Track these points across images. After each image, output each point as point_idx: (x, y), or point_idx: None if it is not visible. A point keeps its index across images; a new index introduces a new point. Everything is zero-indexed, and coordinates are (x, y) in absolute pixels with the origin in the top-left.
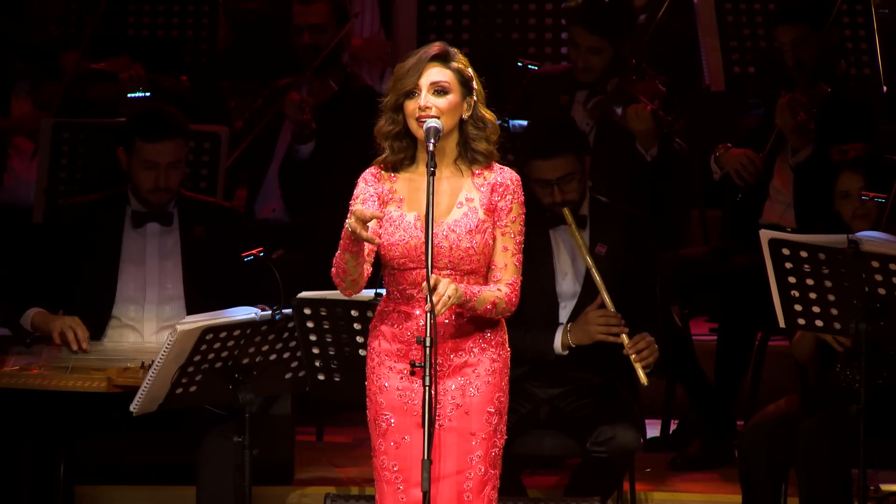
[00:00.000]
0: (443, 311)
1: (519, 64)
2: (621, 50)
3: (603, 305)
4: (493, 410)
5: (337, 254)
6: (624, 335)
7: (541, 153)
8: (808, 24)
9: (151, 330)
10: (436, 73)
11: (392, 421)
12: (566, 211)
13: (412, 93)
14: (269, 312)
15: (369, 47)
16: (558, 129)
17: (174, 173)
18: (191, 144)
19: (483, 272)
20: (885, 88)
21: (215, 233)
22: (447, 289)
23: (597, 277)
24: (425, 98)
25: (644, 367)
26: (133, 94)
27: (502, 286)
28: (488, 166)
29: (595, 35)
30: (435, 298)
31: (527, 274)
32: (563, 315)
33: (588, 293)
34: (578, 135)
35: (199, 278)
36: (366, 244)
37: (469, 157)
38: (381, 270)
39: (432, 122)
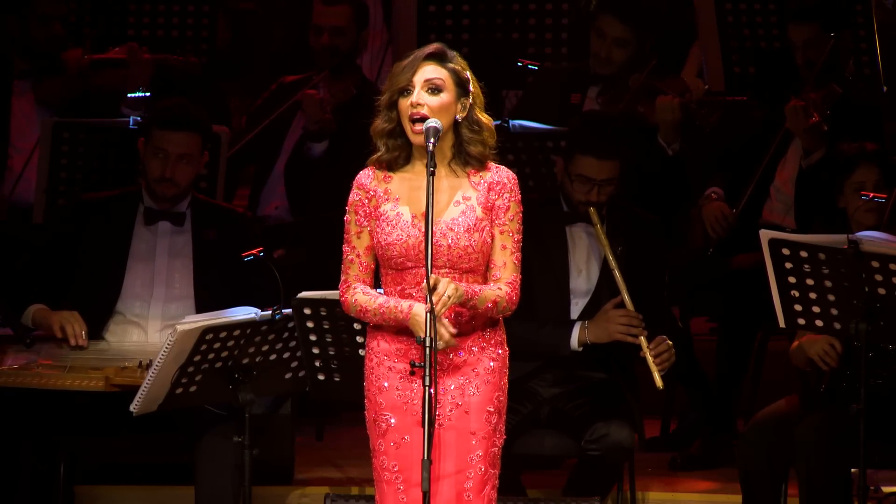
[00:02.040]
0: (443, 310)
1: (519, 64)
2: (644, 47)
3: (622, 305)
4: (492, 410)
5: (371, 314)
6: (642, 337)
7: (597, 152)
8: (819, 24)
9: (156, 328)
10: (430, 71)
11: (392, 421)
12: (592, 211)
13: (406, 90)
14: (269, 312)
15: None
16: (617, 132)
17: (183, 167)
18: None
19: (481, 271)
20: (885, 88)
21: (226, 237)
22: (447, 288)
23: (618, 277)
24: (418, 95)
25: (660, 371)
26: (133, 94)
27: (502, 285)
28: (484, 166)
29: (625, 25)
30: (435, 298)
31: (540, 269)
32: (575, 312)
33: (601, 291)
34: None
35: (209, 279)
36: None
37: (462, 159)
38: (380, 270)
39: (432, 122)
